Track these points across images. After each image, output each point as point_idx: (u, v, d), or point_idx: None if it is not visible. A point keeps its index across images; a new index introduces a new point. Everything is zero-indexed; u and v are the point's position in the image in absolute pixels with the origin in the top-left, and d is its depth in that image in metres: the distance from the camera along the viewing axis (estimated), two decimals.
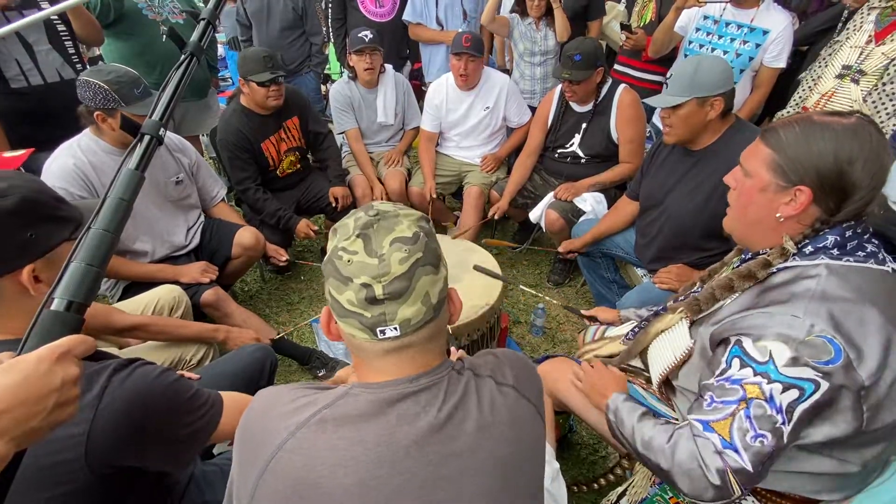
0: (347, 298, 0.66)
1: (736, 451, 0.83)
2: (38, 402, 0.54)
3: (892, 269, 0.90)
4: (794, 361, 0.82)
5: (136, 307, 1.73)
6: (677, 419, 1.14)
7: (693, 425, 0.89)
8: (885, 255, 0.91)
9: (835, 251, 0.90)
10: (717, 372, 0.91)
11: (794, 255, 0.93)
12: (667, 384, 1.17)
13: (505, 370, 0.77)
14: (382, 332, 0.66)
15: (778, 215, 0.94)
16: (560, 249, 2.33)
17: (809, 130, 0.90)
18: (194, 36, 0.81)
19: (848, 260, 0.89)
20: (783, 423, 0.82)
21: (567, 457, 1.78)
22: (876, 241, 0.92)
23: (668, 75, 1.78)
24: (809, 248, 0.92)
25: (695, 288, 1.21)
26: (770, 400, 0.83)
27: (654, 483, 1.17)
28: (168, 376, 0.88)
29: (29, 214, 0.79)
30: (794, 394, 0.82)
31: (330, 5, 3.33)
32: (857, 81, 2.02)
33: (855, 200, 0.88)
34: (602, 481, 1.48)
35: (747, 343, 0.88)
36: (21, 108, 2.18)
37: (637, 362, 1.29)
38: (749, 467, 0.82)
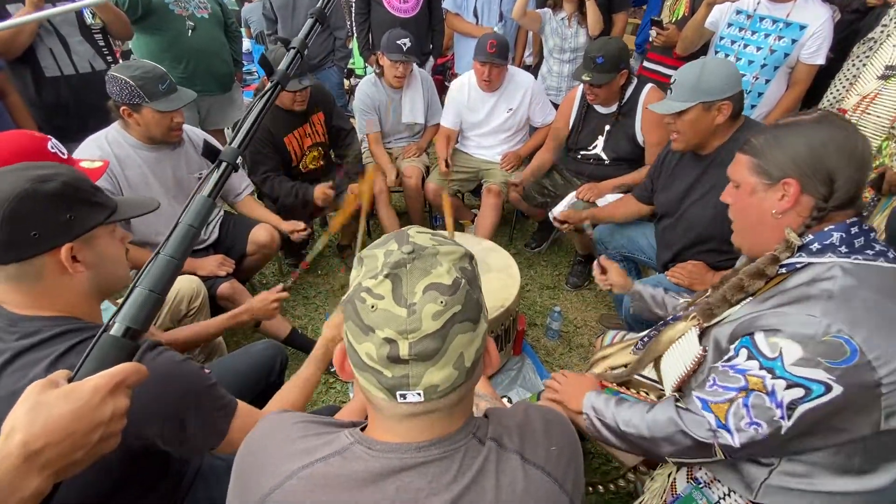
0: (366, 351, 0.57)
1: (728, 431, 0.89)
2: (86, 435, 0.52)
3: None
4: (806, 361, 0.81)
5: None
6: None
7: (693, 401, 0.94)
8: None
9: (843, 248, 0.89)
10: (724, 358, 0.93)
11: (800, 251, 0.92)
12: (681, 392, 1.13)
13: (537, 443, 0.66)
14: (403, 395, 0.57)
15: (774, 211, 0.96)
16: (555, 215, 2.31)
17: (778, 131, 0.96)
18: (282, 65, 0.84)
19: (857, 258, 0.87)
20: (782, 418, 0.83)
21: None
22: (882, 241, 0.91)
23: (672, 80, 1.70)
24: (816, 245, 0.90)
25: (707, 295, 1.17)
26: (771, 394, 0.84)
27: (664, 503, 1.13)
28: (191, 363, 0.95)
29: (69, 198, 0.86)
30: (798, 392, 0.81)
31: (353, 0, 3.32)
32: None
33: (841, 184, 0.89)
34: (611, 486, 1.43)
35: (759, 337, 0.87)
36: (56, 100, 2.26)
37: (651, 373, 1.24)
38: (736, 444, 0.88)
